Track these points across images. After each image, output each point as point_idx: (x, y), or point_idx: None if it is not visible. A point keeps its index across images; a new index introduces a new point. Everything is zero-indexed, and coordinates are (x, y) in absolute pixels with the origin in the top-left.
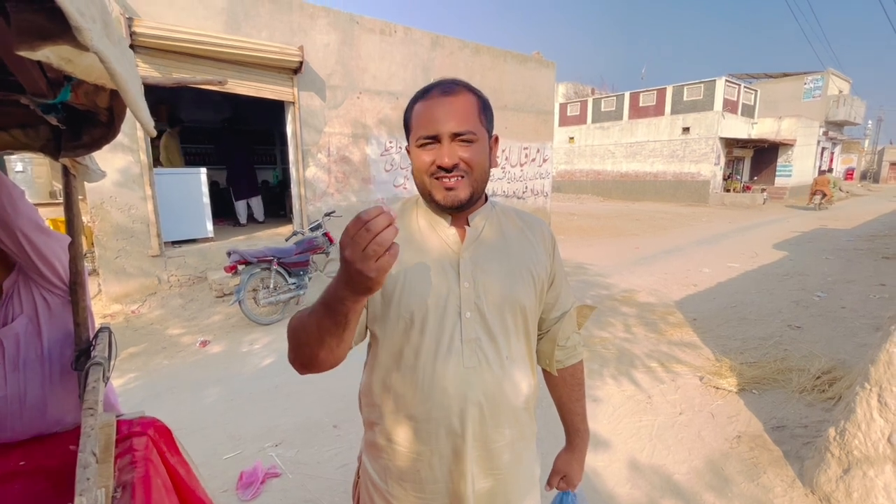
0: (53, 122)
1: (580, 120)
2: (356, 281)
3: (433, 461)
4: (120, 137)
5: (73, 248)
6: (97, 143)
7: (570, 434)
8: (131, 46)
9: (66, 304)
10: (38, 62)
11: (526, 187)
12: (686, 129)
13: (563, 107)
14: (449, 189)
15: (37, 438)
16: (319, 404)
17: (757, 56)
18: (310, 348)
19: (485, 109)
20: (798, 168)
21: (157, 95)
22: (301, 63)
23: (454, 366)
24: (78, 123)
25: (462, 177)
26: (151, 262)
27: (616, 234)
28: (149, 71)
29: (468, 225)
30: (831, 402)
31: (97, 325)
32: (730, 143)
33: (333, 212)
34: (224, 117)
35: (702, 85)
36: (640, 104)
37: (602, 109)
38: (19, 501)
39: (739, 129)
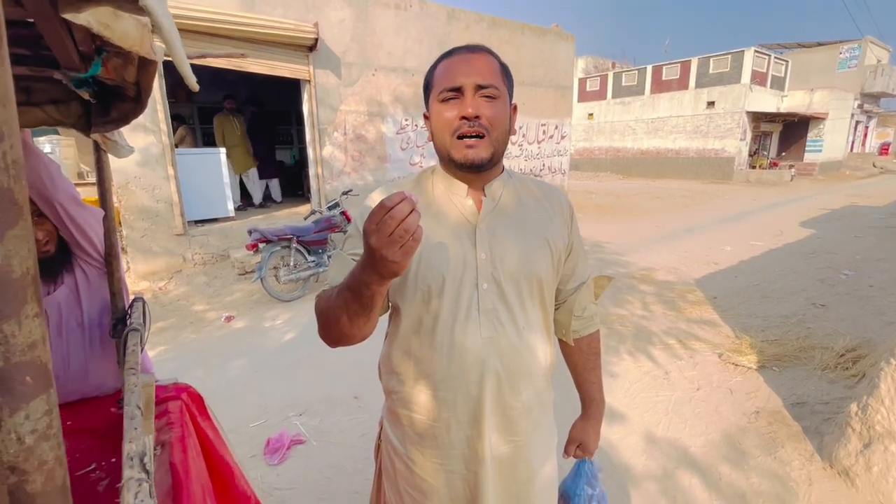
0: (86, 96)
1: (600, 95)
2: (381, 266)
3: (451, 426)
4: (141, 118)
5: (107, 222)
6: (126, 118)
7: (585, 403)
8: (153, 30)
9: (102, 275)
10: (71, 35)
11: (543, 165)
12: (711, 104)
13: (582, 82)
14: (469, 147)
15: (81, 401)
16: (340, 376)
17: (789, 25)
18: (339, 327)
19: (506, 72)
20: (829, 143)
21: (174, 77)
22: (316, 40)
23: (472, 335)
24: (107, 99)
25: (482, 136)
26: (176, 241)
27: (635, 212)
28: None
29: (485, 195)
30: (854, 379)
31: (131, 297)
32: (757, 118)
33: (350, 190)
34: (244, 97)
35: (729, 57)
36: (663, 78)
37: (623, 84)
38: (67, 457)
39: (768, 102)
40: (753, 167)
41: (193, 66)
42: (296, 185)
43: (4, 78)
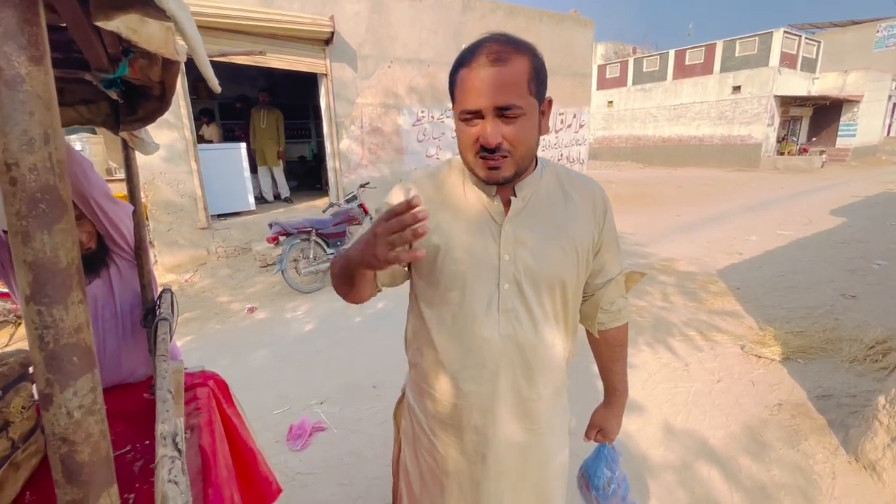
0: (114, 96)
1: (620, 82)
2: (366, 256)
3: (472, 414)
4: (166, 115)
5: (136, 216)
6: (151, 117)
7: (608, 392)
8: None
9: (132, 268)
10: (101, 39)
11: (561, 154)
12: (737, 88)
13: (601, 68)
14: (492, 168)
15: (116, 387)
16: (359, 366)
17: (821, 3)
18: (343, 288)
19: (537, 74)
20: (864, 127)
21: (196, 74)
22: (332, 33)
23: (490, 332)
24: (134, 98)
25: (506, 156)
26: (200, 235)
27: (656, 201)
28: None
29: (514, 196)
30: (884, 371)
31: (159, 289)
32: (786, 102)
33: (367, 183)
34: (262, 90)
35: (756, 38)
36: (686, 62)
37: (644, 70)
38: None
39: (798, 85)
40: (781, 153)
41: (214, 62)
42: (314, 179)
43: (48, 84)
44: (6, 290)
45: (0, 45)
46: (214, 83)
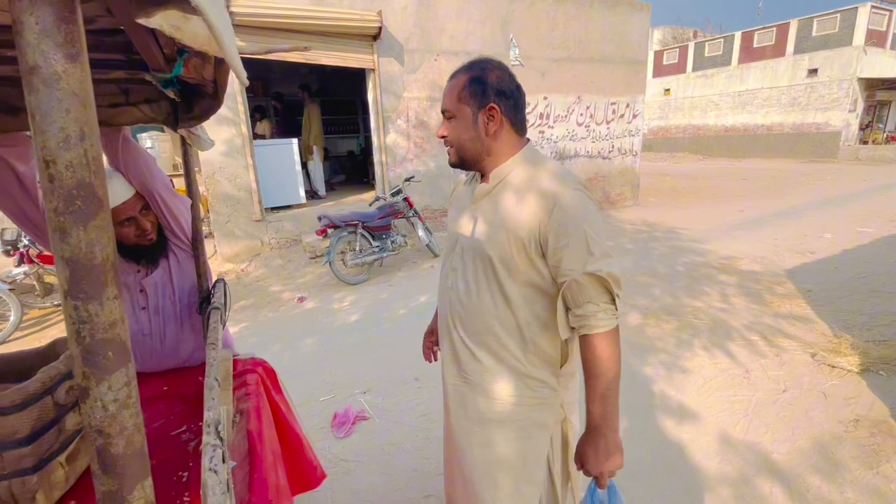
0: (171, 95)
1: (678, 69)
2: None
3: (443, 346)
4: (224, 112)
5: (193, 209)
6: (206, 114)
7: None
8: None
9: (189, 258)
10: (157, 40)
11: (612, 146)
12: (813, 72)
13: (657, 55)
14: (448, 155)
15: (175, 370)
16: (402, 358)
17: None
18: None
19: (470, 86)
20: None
21: (252, 72)
22: (380, 28)
23: (443, 283)
24: (190, 97)
25: (450, 147)
26: (255, 226)
27: (717, 195)
28: (246, 49)
29: (487, 182)
30: None
31: (214, 278)
32: (871, 85)
33: (412, 177)
34: (315, 89)
35: (837, 16)
36: (754, 45)
37: (705, 55)
38: (163, 417)
39: (886, 66)
40: (865, 142)
41: (269, 61)
42: (362, 173)
43: (84, 82)
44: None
45: (37, 43)
46: (243, 76)
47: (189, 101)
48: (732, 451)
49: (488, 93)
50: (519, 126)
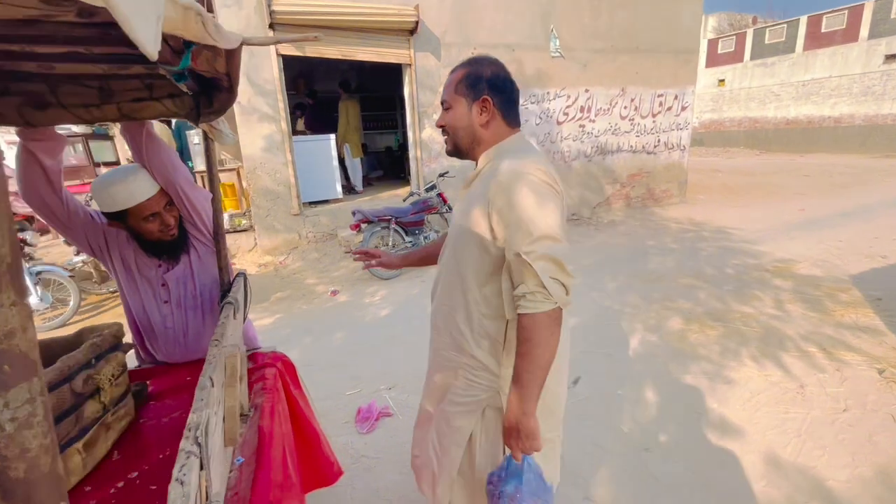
0: (184, 88)
1: (735, 58)
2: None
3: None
4: (265, 109)
5: (215, 203)
6: (224, 108)
7: None
8: (271, 25)
9: (210, 251)
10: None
11: (658, 140)
12: (891, 58)
13: (711, 43)
14: (445, 143)
15: (199, 361)
16: None
17: None
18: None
19: (466, 79)
20: None
21: (295, 70)
22: (416, 23)
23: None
24: (210, 91)
25: (447, 135)
26: (293, 220)
27: (773, 193)
28: (287, 47)
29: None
30: None
31: (235, 272)
32: None
33: (447, 172)
34: (354, 85)
35: None
36: (822, 30)
37: (766, 42)
38: (183, 407)
39: None
40: None
41: (309, 58)
42: (399, 168)
43: None
44: None
45: None
46: (148, 48)
47: (209, 96)
48: (781, 475)
49: (482, 86)
50: (511, 119)
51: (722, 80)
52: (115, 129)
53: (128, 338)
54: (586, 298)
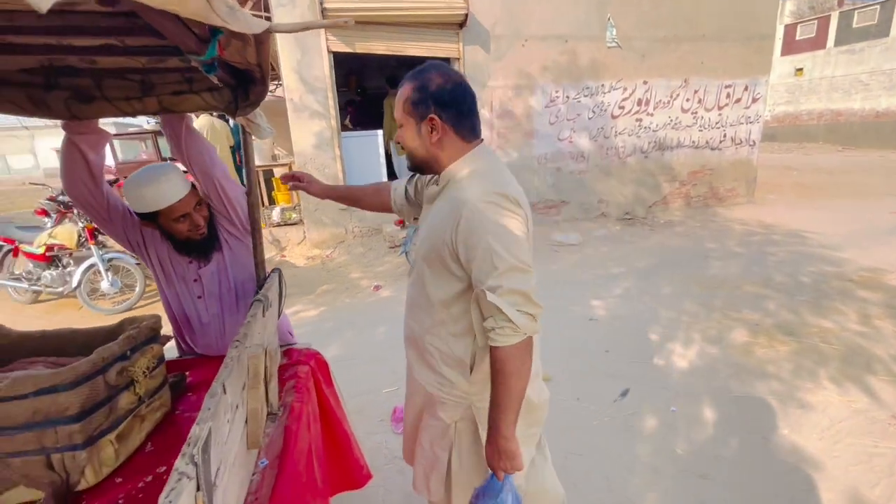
0: (215, 80)
1: (816, 44)
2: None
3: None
4: (315, 106)
5: (250, 197)
6: (258, 100)
7: None
8: None
9: (244, 246)
10: (180, 19)
11: (724, 135)
12: None
13: (788, 29)
14: (406, 158)
15: None
16: None
17: None
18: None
19: (412, 97)
20: None
21: (346, 67)
22: (466, 15)
23: (409, 280)
24: (246, 84)
25: (406, 151)
26: (340, 215)
27: (860, 193)
28: (337, 44)
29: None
30: None
31: (268, 267)
32: None
33: None
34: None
35: None
36: None
37: (853, 26)
38: None
39: None
40: None
41: (360, 55)
42: None
43: None
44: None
45: None
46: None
47: (245, 89)
48: None
49: (428, 103)
50: (465, 132)
51: (800, 69)
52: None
53: (167, 329)
54: (638, 303)
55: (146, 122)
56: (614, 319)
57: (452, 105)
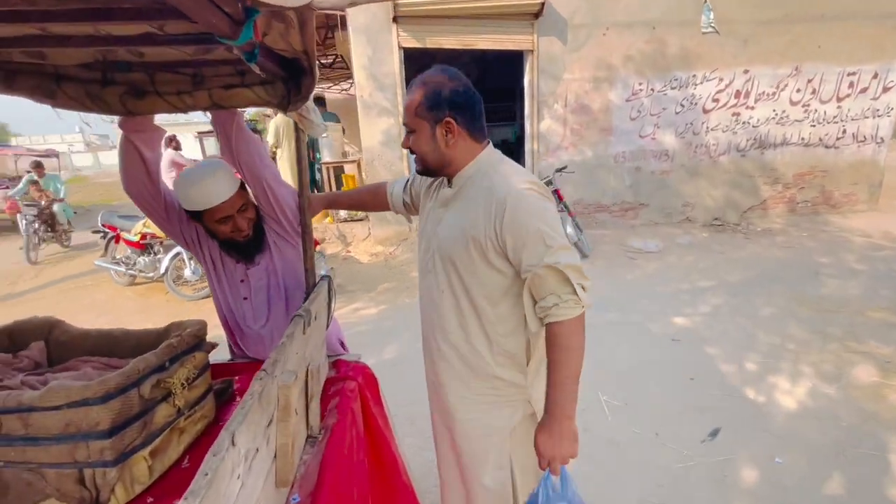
0: (257, 69)
1: None
2: None
3: (424, 343)
4: (385, 103)
5: (301, 199)
6: (308, 93)
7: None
8: (394, 18)
9: (293, 247)
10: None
11: (843, 131)
12: None
13: None
14: (416, 163)
15: None
16: None
17: None
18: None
19: (426, 101)
20: None
21: (417, 65)
22: (542, 5)
23: (422, 285)
24: (298, 76)
25: (416, 155)
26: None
27: None
28: (408, 40)
29: (450, 187)
30: None
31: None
32: None
33: (565, 167)
34: (474, 78)
35: None
36: None
37: None
38: None
39: None
40: None
41: (430, 51)
42: (516, 162)
43: None
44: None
45: None
46: None
47: (297, 81)
48: None
49: (443, 106)
50: (477, 134)
51: None
52: (264, 124)
53: (216, 334)
54: (730, 324)
55: None
56: (701, 341)
57: (466, 108)
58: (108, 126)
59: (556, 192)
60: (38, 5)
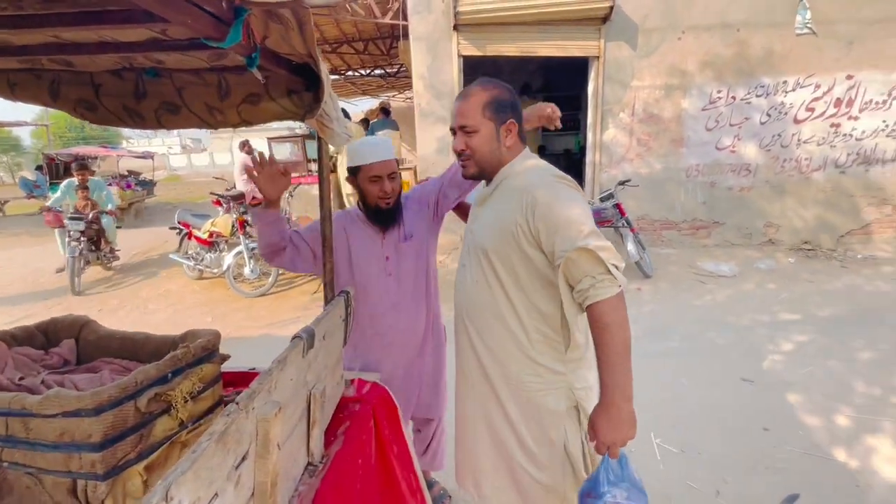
0: (258, 76)
1: None
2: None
3: (457, 336)
4: (441, 111)
5: (322, 210)
6: (321, 98)
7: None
8: (455, 27)
9: (430, 235)
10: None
11: (875, 146)
12: None
13: None
14: (462, 166)
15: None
16: None
17: None
18: None
19: (493, 103)
20: None
21: (478, 75)
22: (611, 8)
23: (457, 278)
24: (317, 84)
25: (469, 158)
26: (454, 221)
27: None
28: (468, 48)
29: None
30: None
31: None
32: None
33: (629, 180)
34: (539, 85)
35: None
36: None
37: None
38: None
39: None
40: None
41: (486, 58)
42: (576, 172)
43: None
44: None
45: None
46: None
47: (317, 89)
48: None
49: (507, 110)
50: (523, 136)
51: None
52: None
53: (232, 346)
54: (819, 367)
55: (298, 128)
56: (780, 385)
57: (519, 112)
58: (200, 131)
59: (617, 205)
60: (25, 9)
